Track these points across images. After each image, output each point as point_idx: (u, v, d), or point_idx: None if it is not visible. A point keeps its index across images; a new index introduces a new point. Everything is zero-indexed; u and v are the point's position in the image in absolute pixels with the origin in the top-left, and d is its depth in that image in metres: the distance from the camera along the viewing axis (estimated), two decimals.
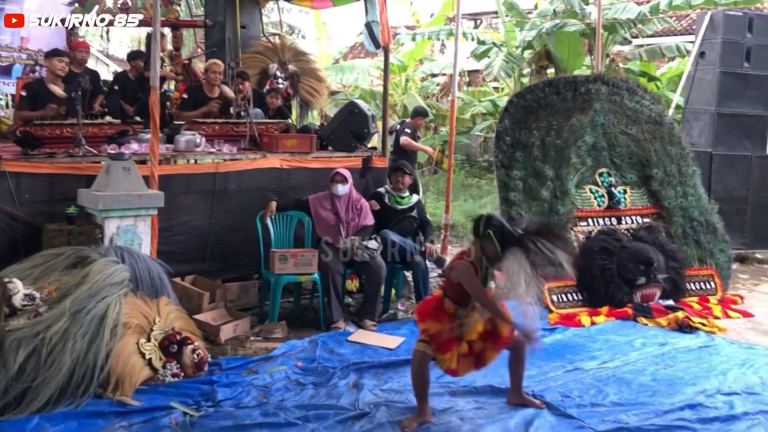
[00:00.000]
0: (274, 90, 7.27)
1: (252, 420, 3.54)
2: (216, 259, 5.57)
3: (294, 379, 4.15)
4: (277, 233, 5.47)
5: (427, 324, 3.54)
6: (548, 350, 4.82)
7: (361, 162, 6.26)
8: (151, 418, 3.54)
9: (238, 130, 6.02)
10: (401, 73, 15.74)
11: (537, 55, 12.64)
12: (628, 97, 6.61)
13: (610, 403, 3.91)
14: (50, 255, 4.23)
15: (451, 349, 3.48)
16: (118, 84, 7.16)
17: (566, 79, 6.66)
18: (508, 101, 6.50)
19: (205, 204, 5.48)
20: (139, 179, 4.72)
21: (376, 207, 5.66)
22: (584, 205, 6.24)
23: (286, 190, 5.84)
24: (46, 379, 3.53)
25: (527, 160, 6.13)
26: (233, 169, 5.60)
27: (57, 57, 5.83)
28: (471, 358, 3.57)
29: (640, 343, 5.02)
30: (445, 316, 3.52)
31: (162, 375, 4.00)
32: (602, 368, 4.48)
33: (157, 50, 4.86)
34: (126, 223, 4.65)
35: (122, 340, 3.89)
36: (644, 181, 6.50)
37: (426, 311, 3.60)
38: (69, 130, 5.17)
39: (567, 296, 5.84)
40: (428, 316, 3.56)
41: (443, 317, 3.52)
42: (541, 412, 3.74)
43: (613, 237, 6.03)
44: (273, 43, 8.37)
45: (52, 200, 4.84)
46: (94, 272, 3.91)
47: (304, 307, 5.67)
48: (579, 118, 6.35)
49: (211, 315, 5.03)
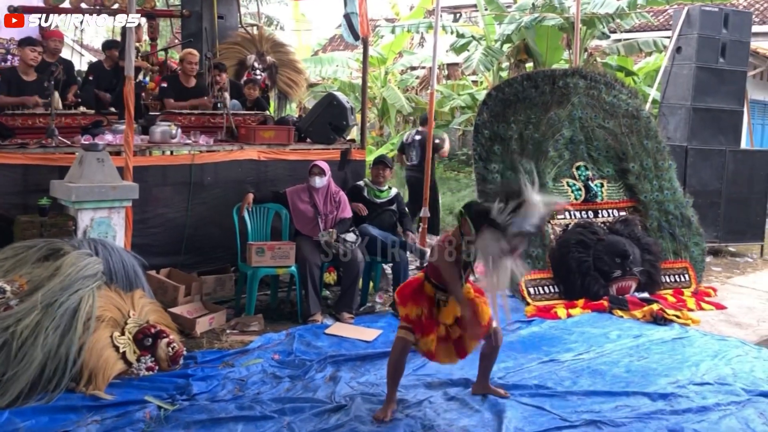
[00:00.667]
0: (252, 81, 7.20)
1: (227, 413, 3.51)
2: (192, 251, 5.52)
3: (270, 372, 4.13)
4: (254, 226, 5.43)
5: (408, 308, 3.55)
6: (524, 342, 4.87)
7: (339, 154, 6.23)
8: (124, 412, 3.50)
9: (215, 122, 5.96)
10: (380, 65, 15.70)
11: (516, 49, 12.68)
12: (605, 92, 6.65)
13: (583, 393, 3.95)
14: (22, 247, 4.15)
15: (432, 332, 3.50)
16: (93, 74, 7.03)
17: (545, 72, 6.67)
18: (487, 94, 6.50)
19: (181, 196, 5.43)
20: (113, 170, 4.65)
21: (365, 212, 5.64)
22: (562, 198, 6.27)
23: (264, 183, 5.80)
24: (17, 374, 3.49)
25: (505, 153, 6.14)
26: (210, 160, 5.54)
27: (30, 46, 5.70)
28: (450, 345, 3.58)
29: (615, 335, 5.07)
30: (425, 300, 3.54)
31: (136, 368, 3.96)
32: (577, 360, 4.53)
33: (132, 40, 4.79)
34: (100, 215, 4.58)
35: (95, 333, 3.84)
36: (621, 174, 6.55)
37: (407, 294, 3.61)
38: (42, 120, 5.08)
39: (544, 289, 5.88)
40: (408, 298, 3.57)
41: (422, 300, 3.53)
42: (513, 403, 3.75)
43: (590, 230, 6.08)
44: (251, 34, 8.28)
45: (24, 191, 4.75)
46: (67, 265, 3.85)
47: (281, 300, 5.64)
48: (557, 111, 6.38)
49: (187, 308, 4.99)
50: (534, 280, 5.87)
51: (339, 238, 5.21)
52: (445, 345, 3.58)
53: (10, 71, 5.81)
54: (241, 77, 7.90)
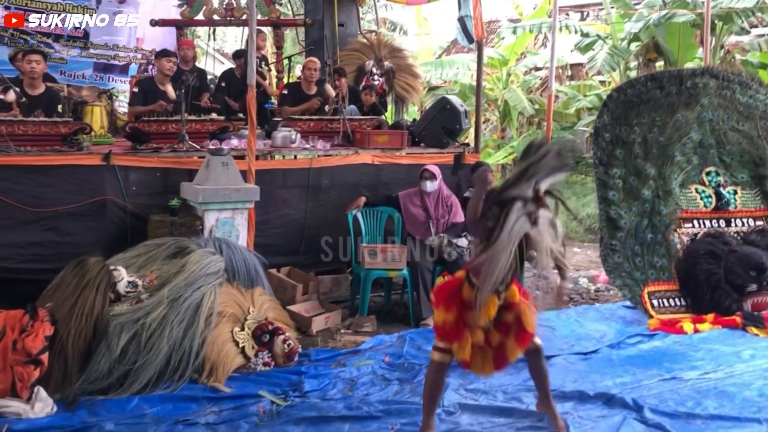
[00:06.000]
0: (369, 87, 7.34)
1: (336, 412, 3.60)
2: (310, 252, 5.70)
3: (380, 374, 4.19)
4: (367, 228, 5.53)
5: (439, 311, 3.18)
6: (645, 357, 4.62)
7: (453, 158, 6.21)
8: (240, 405, 3.67)
9: (332, 127, 6.13)
10: (502, 67, 15.46)
11: (645, 48, 12.06)
12: (740, 92, 6.16)
13: (708, 416, 3.67)
14: (153, 245, 4.47)
15: (460, 339, 3.11)
16: (225, 81, 7.47)
17: (671, 72, 6.27)
18: (608, 96, 6.22)
19: (300, 198, 5.63)
20: (237, 174, 4.90)
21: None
22: (689, 205, 5.90)
23: (378, 186, 5.90)
24: (146, 363, 3.76)
25: (627, 158, 5.85)
26: (327, 164, 5.72)
27: (165, 57, 6.14)
28: (488, 353, 3.18)
29: (748, 354, 4.68)
30: (458, 304, 3.12)
31: (254, 363, 4.14)
32: (703, 379, 4.22)
33: (254, 49, 5.02)
34: (224, 215, 4.85)
35: (217, 328, 4.06)
36: (757, 181, 6.05)
37: (441, 296, 3.22)
38: (174, 126, 5.44)
39: (669, 301, 5.55)
40: (442, 301, 3.18)
41: (455, 304, 3.13)
42: (630, 421, 3.56)
43: (721, 240, 5.67)
44: (369, 39, 8.45)
45: (156, 193, 5.12)
46: (191, 262, 4.10)
47: (395, 303, 5.71)
48: (684, 113, 5.98)
49: (304, 306, 5.17)
50: (658, 291, 5.56)
51: (450, 242, 5.20)
52: (482, 353, 3.18)
53: (149, 81, 6.28)
54: (359, 83, 8.08)
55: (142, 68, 8.76)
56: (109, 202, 4.96)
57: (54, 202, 4.82)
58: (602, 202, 5.78)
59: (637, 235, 5.68)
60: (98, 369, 3.70)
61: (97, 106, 6.93)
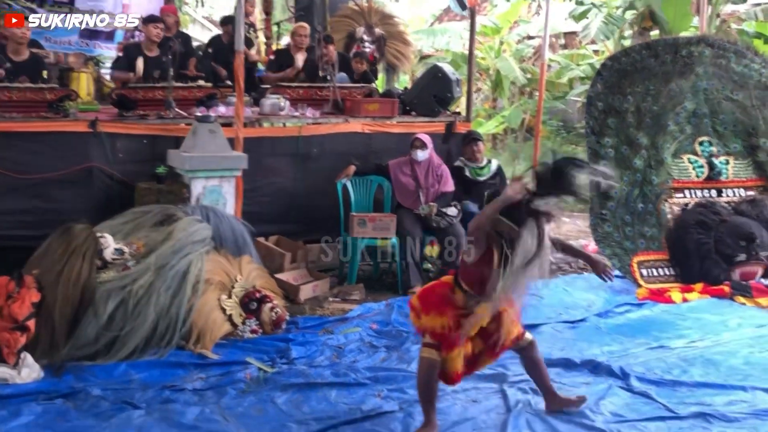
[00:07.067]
0: (359, 54, 7.24)
1: (323, 379, 3.61)
2: (299, 221, 5.67)
3: (368, 341, 4.20)
4: (357, 197, 5.50)
5: (430, 318, 3.02)
6: (633, 326, 4.65)
7: (444, 127, 6.16)
8: (227, 371, 3.68)
9: (322, 94, 6.05)
10: (495, 35, 15.29)
11: (640, 16, 11.93)
12: (735, 61, 6.10)
13: (693, 384, 3.70)
14: (140, 212, 4.45)
15: (458, 346, 2.98)
16: (212, 48, 7.34)
17: (666, 41, 6.22)
18: (601, 65, 6.17)
19: (289, 167, 5.59)
20: (224, 141, 4.85)
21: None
22: (681, 175, 5.88)
23: (369, 155, 5.84)
24: (133, 329, 3.75)
25: (620, 127, 5.82)
26: (316, 132, 5.66)
27: (153, 23, 6.03)
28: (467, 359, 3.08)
29: (735, 323, 4.71)
30: (451, 309, 3.00)
31: (241, 331, 4.15)
32: (690, 347, 4.25)
33: (242, 14, 4.93)
34: (211, 183, 4.81)
35: (204, 295, 4.05)
36: (750, 151, 6.03)
37: (431, 301, 3.07)
38: (161, 93, 5.36)
39: (658, 270, 5.57)
40: (434, 307, 3.03)
41: (448, 310, 3.00)
42: (616, 389, 3.58)
43: (712, 210, 5.67)
44: (360, 6, 8.32)
45: (143, 160, 5.07)
46: (178, 230, 4.07)
47: (384, 271, 5.71)
48: (679, 82, 5.94)
49: (292, 275, 5.15)
50: (648, 261, 5.57)
51: (440, 211, 5.17)
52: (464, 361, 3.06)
53: (135, 47, 6.17)
54: (350, 50, 7.97)
55: (128, 35, 8.60)
56: (95, 169, 4.92)
57: (40, 168, 4.78)
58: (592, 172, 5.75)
59: (628, 205, 5.68)
60: (85, 335, 3.69)
61: (83, 72, 6.80)
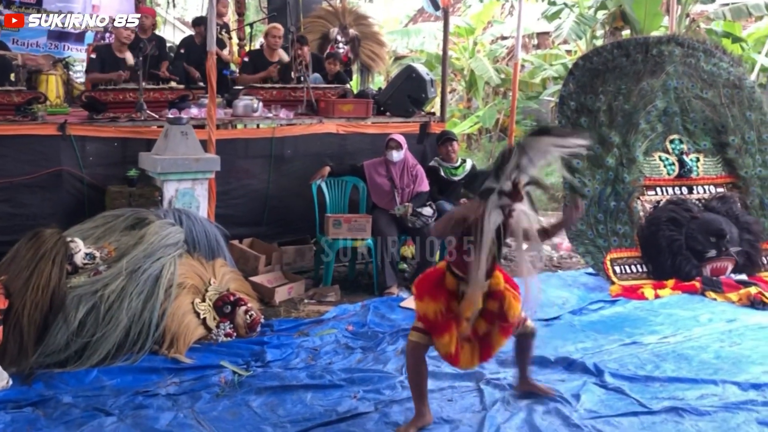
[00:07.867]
0: (333, 55, 7.22)
1: (298, 381, 3.59)
2: (273, 223, 5.63)
3: (343, 342, 4.19)
4: (332, 198, 5.48)
5: (425, 303, 3.08)
6: (606, 323, 4.69)
7: (418, 127, 6.17)
8: (202, 375, 3.65)
9: (296, 95, 6.01)
10: (468, 36, 15.36)
11: (611, 16, 12.06)
12: (704, 59, 6.21)
13: (666, 379, 3.75)
14: (111, 216, 4.38)
15: (449, 330, 3.02)
16: (185, 49, 7.27)
17: (637, 40, 6.29)
18: (573, 64, 6.23)
19: (263, 168, 5.54)
20: (196, 143, 4.80)
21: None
22: (653, 173, 5.96)
23: (343, 156, 5.83)
24: (105, 335, 3.70)
25: (592, 125, 5.87)
26: (290, 134, 5.63)
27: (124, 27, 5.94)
28: (475, 344, 3.11)
29: (706, 318, 4.78)
30: (444, 294, 3.06)
31: (215, 334, 4.11)
32: (662, 343, 4.30)
33: (213, 15, 4.89)
34: (184, 186, 4.76)
35: (177, 299, 4.01)
36: (719, 148, 6.13)
37: (425, 287, 3.13)
38: (132, 95, 5.29)
39: (630, 267, 5.63)
40: (426, 292, 3.10)
41: (441, 295, 3.06)
42: (590, 386, 3.61)
43: (683, 207, 5.76)
44: (334, 7, 8.30)
45: (114, 163, 5.00)
46: (150, 233, 4.02)
47: (359, 272, 5.69)
48: (650, 81, 6.02)
49: (267, 277, 5.12)
50: (621, 258, 5.63)
51: (415, 211, 5.17)
52: (470, 345, 3.10)
53: (106, 49, 6.08)
54: (324, 51, 7.93)
55: (98, 36, 8.47)
56: (65, 172, 4.83)
57: (8, 173, 4.69)
58: (566, 170, 5.80)
59: (600, 203, 5.73)
60: (55, 342, 3.63)
61: (52, 74, 6.68)
